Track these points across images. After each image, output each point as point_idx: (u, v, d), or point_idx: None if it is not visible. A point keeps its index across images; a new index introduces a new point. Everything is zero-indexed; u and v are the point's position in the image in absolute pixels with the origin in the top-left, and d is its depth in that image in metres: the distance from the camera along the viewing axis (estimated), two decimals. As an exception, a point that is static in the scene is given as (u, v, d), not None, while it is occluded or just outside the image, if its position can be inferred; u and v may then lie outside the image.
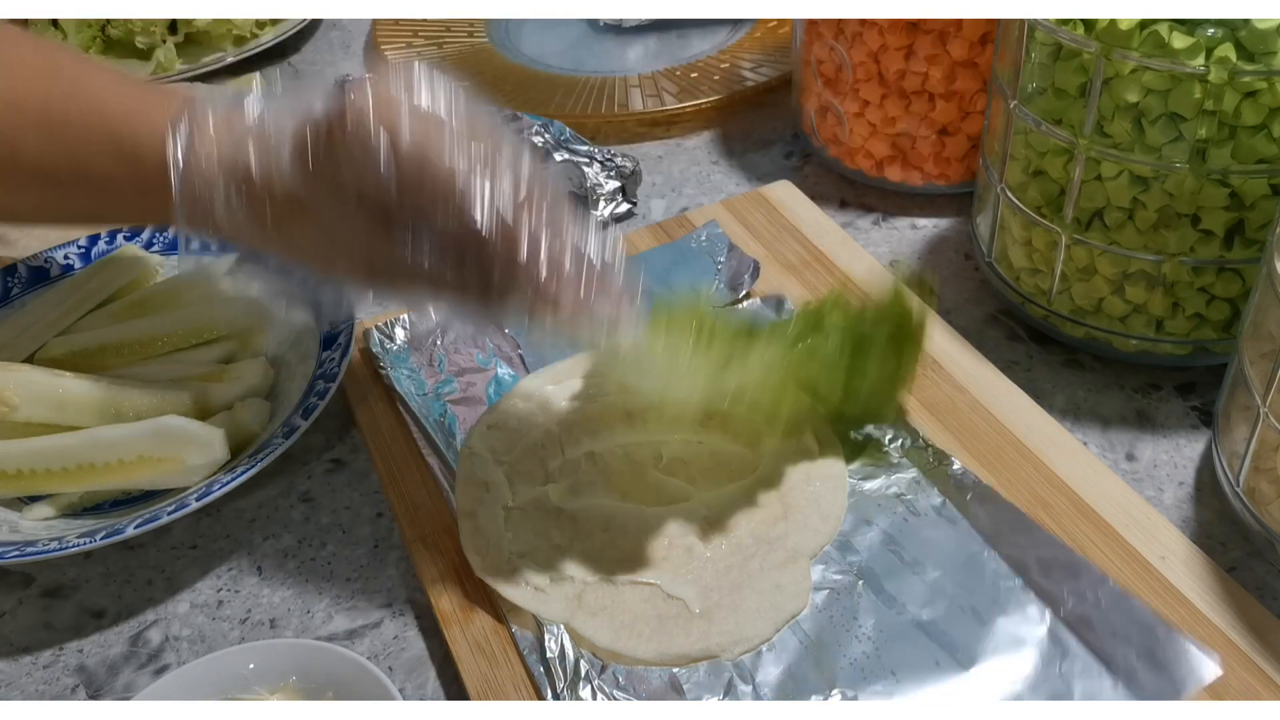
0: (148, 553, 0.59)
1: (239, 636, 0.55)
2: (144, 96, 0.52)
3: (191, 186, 0.49)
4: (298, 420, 0.58)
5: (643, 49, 0.99)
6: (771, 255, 0.72)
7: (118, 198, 0.53)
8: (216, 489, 0.55)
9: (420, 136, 0.45)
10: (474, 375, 0.64)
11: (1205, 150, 0.54)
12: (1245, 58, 0.52)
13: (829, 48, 0.76)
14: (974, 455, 0.57)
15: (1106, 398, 0.63)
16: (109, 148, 0.51)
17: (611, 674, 0.49)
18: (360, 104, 0.45)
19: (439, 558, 0.55)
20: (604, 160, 0.80)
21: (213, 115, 0.49)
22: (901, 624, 0.50)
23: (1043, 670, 0.48)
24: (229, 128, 0.49)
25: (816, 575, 0.52)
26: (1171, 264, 0.58)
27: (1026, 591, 0.51)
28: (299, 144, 0.47)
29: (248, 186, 0.48)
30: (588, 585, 0.52)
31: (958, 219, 0.78)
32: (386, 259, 0.48)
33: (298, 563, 0.58)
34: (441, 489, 0.58)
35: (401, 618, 0.55)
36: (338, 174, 0.46)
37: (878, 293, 0.55)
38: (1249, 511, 0.54)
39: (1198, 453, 0.60)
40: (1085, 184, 0.58)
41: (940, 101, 0.73)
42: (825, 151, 0.81)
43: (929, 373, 0.62)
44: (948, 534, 0.54)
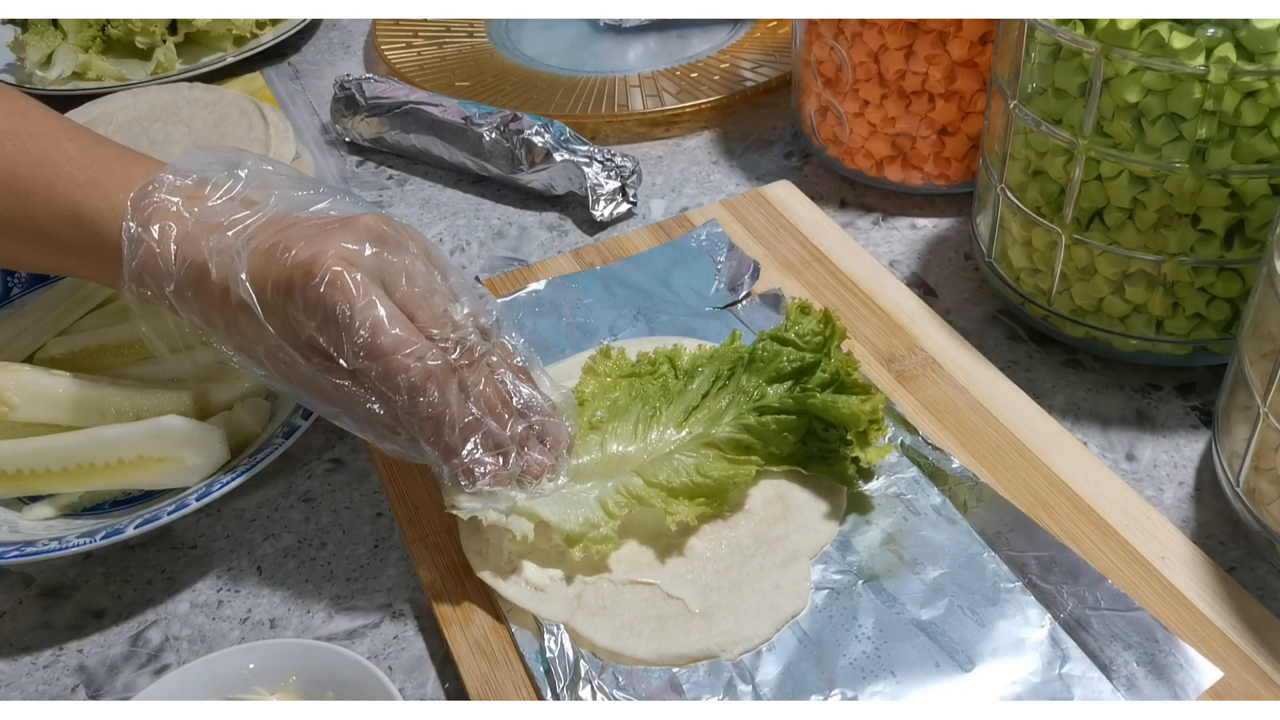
0: (148, 553, 0.59)
1: (239, 636, 0.55)
2: (110, 168, 0.52)
3: (143, 272, 0.50)
4: (298, 420, 0.58)
5: (643, 49, 0.99)
6: (771, 255, 0.72)
7: (77, 263, 0.54)
8: (216, 489, 0.55)
9: (376, 325, 0.46)
10: (474, 375, 0.64)
11: (1205, 150, 0.54)
12: (1245, 58, 0.52)
13: (829, 48, 0.76)
14: (974, 455, 0.57)
15: (1106, 398, 0.63)
16: (70, 219, 0.52)
17: (611, 674, 0.49)
18: (328, 275, 0.46)
19: (439, 558, 0.55)
20: (604, 160, 0.80)
21: (179, 195, 0.50)
22: (901, 623, 0.50)
23: (1043, 674, 0.48)
24: (193, 213, 0.50)
25: (816, 575, 0.52)
26: (1171, 264, 0.58)
27: (1026, 594, 0.51)
28: (257, 273, 0.48)
29: (200, 285, 0.49)
30: (588, 585, 0.52)
31: (958, 219, 0.78)
32: (332, 393, 0.49)
33: (298, 563, 0.58)
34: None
35: (401, 618, 0.55)
36: (290, 319, 0.47)
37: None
38: (1249, 511, 0.54)
39: (1198, 453, 0.60)
40: (1085, 184, 0.58)
41: (940, 101, 0.73)
42: (825, 151, 0.81)
43: (929, 372, 0.62)
44: (947, 533, 0.54)
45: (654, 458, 0.54)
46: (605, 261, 0.73)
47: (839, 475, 0.55)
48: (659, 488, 0.53)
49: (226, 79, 0.99)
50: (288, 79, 1.01)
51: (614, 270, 0.72)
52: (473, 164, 0.83)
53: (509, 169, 0.81)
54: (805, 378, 0.55)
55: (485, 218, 0.82)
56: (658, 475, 0.54)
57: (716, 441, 0.54)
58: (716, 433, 0.55)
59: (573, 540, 0.51)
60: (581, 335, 0.67)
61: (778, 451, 0.55)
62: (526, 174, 0.81)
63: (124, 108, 0.90)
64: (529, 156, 0.80)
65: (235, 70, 1.01)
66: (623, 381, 0.59)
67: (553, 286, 0.71)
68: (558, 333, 0.67)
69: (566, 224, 0.80)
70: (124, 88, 0.95)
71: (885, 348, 0.64)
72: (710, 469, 0.54)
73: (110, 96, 0.92)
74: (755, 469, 0.54)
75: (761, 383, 0.55)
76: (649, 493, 0.53)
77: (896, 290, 0.68)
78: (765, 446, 0.55)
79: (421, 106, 0.85)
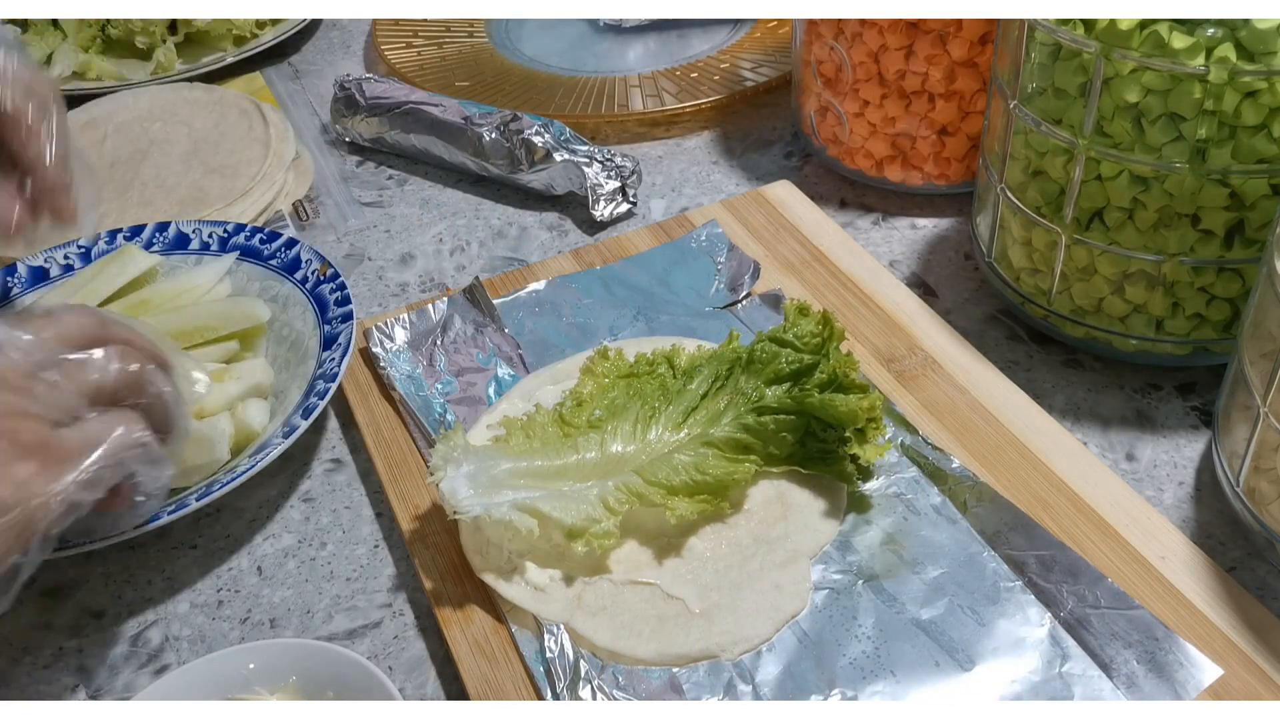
0: (148, 553, 0.59)
1: (239, 636, 0.55)
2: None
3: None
4: (298, 420, 0.58)
5: (643, 49, 0.99)
6: (771, 255, 0.72)
7: None
8: (216, 489, 0.55)
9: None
10: (474, 375, 0.64)
11: (1205, 150, 0.54)
12: (1245, 58, 0.52)
13: (829, 48, 0.76)
14: (974, 455, 0.57)
15: (1106, 398, 0.63)
16: None
17: (611, 674, 0.49)
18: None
19: (439, 558, 0.55)
20: (604, 160, 0.80)
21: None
22: (901, 623, 0.50)
23: (1043, 673, 0.48)
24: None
25: (816, 575, 0.52)
26: (1171, 264, 0.58)
27: (1026, 593, 0.51)
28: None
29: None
30: (588, 585, 0.52)
31: (958, 219, 0.78)
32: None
33: (298, 563, 0.58)
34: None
35: (401, 618, 0.55)
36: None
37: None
38: (1249, 511, 0.54)
39: (1198, 453, 0.60)
40: (1085, 184, 0.58)
41: (940, 101, 0.73)
42: (825, 151, 0.81)
43: (929, 372, 0.62)
44: (948, 533, 0.54)
45: (653, 458, 0.54)
46: (605, 261, 0.73)
47: (838, 474, 0.55)
48: (659, 485, 0.53)
49: (226, 79, 0.99)
50: (288, 79, 1.01)
51: (614, 270, 0.72)
52: (473, 164, 0.83)
53: (509, 169, 0.81)
54: (804, 379, 0.55)
55: (485, 218, 0.82)
56: (657, 474, 0.54)
57: (715, 441, 0.54)
58: (715, 433, 0.55)
59: (574, 535, 0.51)
60: (581, 335, 0.67)
61: (777, 452, 0.55)
62: (526, 174, 0.81)
63: (124, 108, 0.90)
64: (529, 156, 0.80)
65: (235, 70, 1.01)
66: (621, 382, 0.59)
67: (553, 286, 0.71)
68: (558, 333, 0.67)
69: (566, 224, 0.80)
70: (124, 88, 0.95)
71: (885, 348, 0.64)
72: (709, 467, 0.54)
73: (110, 96, 0.92)
74: (754, 468, 0.54)
75: (760, 384, 0.55)
76: (649, 490, 0.53)
77: (896, 290, 0.68)
78: (764, 446, 0.55)
79: (421, 106, 0.85)
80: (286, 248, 0.70)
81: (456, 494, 0.51)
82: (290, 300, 0.68)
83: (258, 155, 0.83)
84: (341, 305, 0.65)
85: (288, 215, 0.82)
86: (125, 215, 0.79)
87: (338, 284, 0.66)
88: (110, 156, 0.84)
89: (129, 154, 0.84)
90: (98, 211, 0.52)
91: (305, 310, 0.66)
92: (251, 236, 0.71)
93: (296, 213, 0.82)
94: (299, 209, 0.83)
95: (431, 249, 0.79)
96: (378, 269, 0.78)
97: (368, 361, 0.66)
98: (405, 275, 0.77)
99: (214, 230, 0.72)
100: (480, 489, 0.52)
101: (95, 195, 0.55)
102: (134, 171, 0.83)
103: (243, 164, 0.83)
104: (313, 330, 0.65)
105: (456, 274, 0.77)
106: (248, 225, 0.72)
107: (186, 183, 0.81)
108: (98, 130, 0.87)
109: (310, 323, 0.66)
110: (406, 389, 0.63)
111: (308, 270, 0.68)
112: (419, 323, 0.67)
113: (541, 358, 0.65)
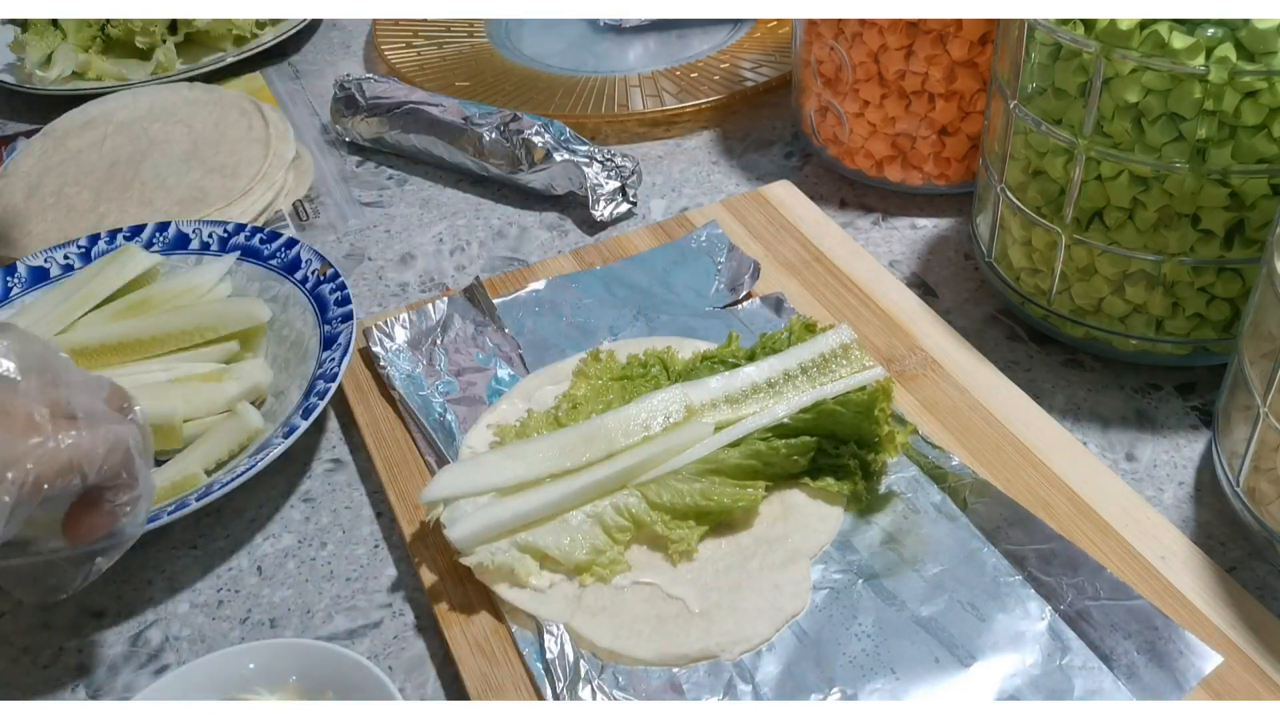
0: (148, 553, 0.59)
1: (239, 636, 0.55)
2: None
3: None
4: (298, 420, 0.58)
5: (643, 49, 0.99)
6: (771, 255, 0.72)
7: None
8: (216, 489, 0.55)
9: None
10: (474, 375, 0.64)
11: (1205, 150, 0.54)
12: (1245, 58, 0.52)
13: (829, 48, 0.76)
14: (974, 455, 0.57)
15: (1106, 398, 0.63)
16: None
17: (611, 674, 0.49)
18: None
19: (439, 558, 0.55)
20: (604, 160, 0.80)
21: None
22: (901, 621, 0.50)
23: (1043, 666, 0.48)
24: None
25: (816, 574, 0.52)
26: (1171, 264, 0.58)
27: (1026, 587, 0.51)
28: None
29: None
30: (588, 585, 0.52)
31: (958, 219, 0.78)
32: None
33: (298, 563, 0.58)
34: (441, 489, 0.58)
35: (401, 618, 0.55)
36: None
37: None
38: (1249, 511, 0.54)
39: (1198, 453, 0.60)
40: (1085, 184, 0.58)
41: (940, 101, 0.73)
42: (825, 151, 0.81)
43: (929, 372, 0.62)
44: (948, 530, 0.54)
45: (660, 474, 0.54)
46: (605, 261, 0.73)
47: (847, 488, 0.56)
48: (662, 509, 0.53)
49: (226, 79, 0.99)
50: (288, 79, 1.01)
51: (614, 270, 0.72)
52: (473, 164, 0.83)
53: (509, 169, 0.81)
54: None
55: (485, 218, 0.82)
56: (661, 497, 0.54)
57: (724, 468, 0.55)
58: (725, 458, 0.55)
59: (581, 569, 0.52)
60: (581, 335, 0.67)
61: (785, 473, 0.56)
62: (526, 174, 0.81)
63: (124, 108, 0.90)
64: (529, 156, 0.80)
65: (235, 70, 1.01)
66: (614, 384, 0.59)
67: (553, 286, 0.71)
68: (558, 333, 0.67)
69: (566, 224, 0.80)
70: (124, 88, 0.95)
71: (885, 348, 0.64)
72: (716, 493, 0.54)
73: (110, 96, 0.92)
74: (761, 495, 0.55)
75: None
76: (652, 516, 0.53)
77: (896, 290, 0.68)
78: (772, 470, 0.55)
79: (421, 106, 0.85)
80: (286, 248, 0.70)
81: (462, 542, 0.52)
82: (290, 300, 0.68)
83: (258, 155, 0.83)
84: (341, 305, 0.65)
85: (288, 215, 0.82)
86: (125, 215, 0.79)
87: (338, 284, 0.66)
88: (110, 156, 0.84)
89: (129, 154, 0.84)
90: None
91: (305, 310, 0.66)
92: (251, 236, 0.71)
93: (296, 213, 0.82)
94: (299, 209, 0.83)
95: (431, 249, 0.79)
96: (378, 269, 0.78)
97: (368, 361, 0.66)
98: (405, 275, 0.77)
99: (214, 230, 0.72)
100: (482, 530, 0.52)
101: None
102: (134, 171, 0.83)
103: (243, 164, 0.83)
104: (313, 330, 0.65)
105: (456, 274, 0.77)
106: (248, 225, 0.72)
107: (186, 182, 0.81)
108: (98, 130, 0.87)
109: (310, 323, 0.66)
110: (406, 389, 0.63)
111: (308, 270, 0.68)
112: (419, 322, 0.67)
113: (541, 358, 0.65)
